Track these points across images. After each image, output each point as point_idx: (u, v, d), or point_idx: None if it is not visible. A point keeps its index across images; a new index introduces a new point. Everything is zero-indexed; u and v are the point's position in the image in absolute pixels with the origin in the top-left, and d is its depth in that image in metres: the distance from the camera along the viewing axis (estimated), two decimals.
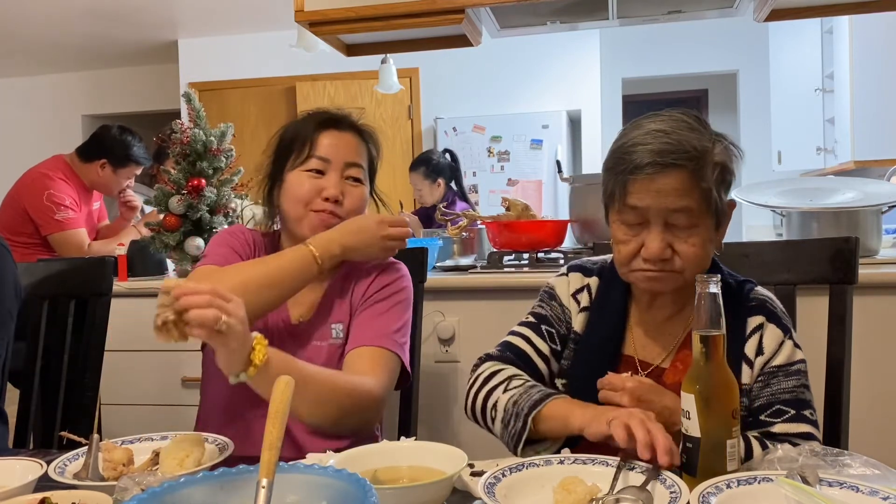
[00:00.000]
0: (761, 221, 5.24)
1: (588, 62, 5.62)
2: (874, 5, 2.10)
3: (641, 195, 1.10)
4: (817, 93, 5.04)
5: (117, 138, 3.15)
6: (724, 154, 1.13)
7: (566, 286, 1.30)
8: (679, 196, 1.08)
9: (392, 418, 1.63)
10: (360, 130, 1.48)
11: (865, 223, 2.20)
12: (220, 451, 1.09)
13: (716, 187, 1.10)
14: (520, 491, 0.92)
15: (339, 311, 1.43)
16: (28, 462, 1.05)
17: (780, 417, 1.11)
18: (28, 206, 3.00)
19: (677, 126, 1.11)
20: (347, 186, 1.43)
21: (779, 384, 1.13)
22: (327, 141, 1.43)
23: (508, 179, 5.47)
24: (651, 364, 1.21)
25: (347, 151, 1.43)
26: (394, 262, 1.49)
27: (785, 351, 1.15)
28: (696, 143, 1.09)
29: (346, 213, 1.42)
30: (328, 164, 1.42)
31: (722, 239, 1.19)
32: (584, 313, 1.27)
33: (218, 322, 1.03)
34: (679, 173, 1.08)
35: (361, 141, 1.47)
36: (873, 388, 1.94)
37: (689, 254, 1.11)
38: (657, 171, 1.08)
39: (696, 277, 0.95)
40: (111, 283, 1.75)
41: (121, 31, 5.56)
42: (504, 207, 2.47)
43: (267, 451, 0.74)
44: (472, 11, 2.13)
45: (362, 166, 1.45)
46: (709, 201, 1.10)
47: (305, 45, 3.44)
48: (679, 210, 1.09)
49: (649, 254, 1.11)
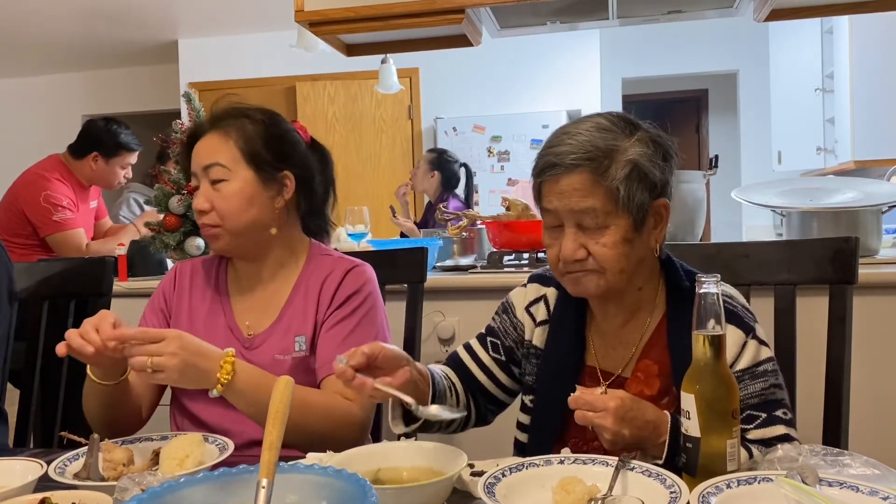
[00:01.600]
0: (761, 221, 5.24)
1: (588, 62, 5.62)
2: (874, 5, 2.09)
3: (550, 198, 1.12)
4: (817, 93, 5.04)
5: (104, 129, 3.17)
6: (638, 152, 1.10)
7: (522, 299, 1.30)
8: (581, 196, 1.08)
9: None
10: (220, 125, 1.37)
11: (865, 223, 2.20)
12: (220, 451, 1.09)
13: (626, 186, 1.08)
14: (519, 491, 0.92)
15: (300, 322, 1.37)
16: (28, 462, 1.05)
17: (752, 423, 1.09)
18: (25, 207, 3.00)
19: (588, 127, 1.11)
20: (211, 192, 1.34)
21: (745, 389, 1.09)
22: (194, 153, 1.38)
23: (508, 179, 5.47)
24: (613, 373, 1.20)
25: (202, 156, 1.36)
26: (355, 266, 1.41)
27: (748, 353, 1.11)
28: (600, 143, 1.09)
29: (223, 218, 1.34)
30: (197, 177, 1.37)
31: (659, 239, 1.16)
32: (542, 327, 1.26)
33: (145, 367, 1.10)
34: (580, 174, 1.08)
35: (219, 136, 1.36)
36: (873, 388, 1.94)
37: (602, 254, 1.10)
38: (560, 173, 1.09)
39: (695, 277, 0.95)
40: (111, 283, 1.75)
41: (121, 31, 5.56)
42: (504, 207, 2.47)
43: (267, 451, 0.75)
44: (472, 11, 2.13)
45: (218, 163, 1.34)
46: (616, 200, 1.08)
47: (305, 45, 3.44)
48: (584, 211, 1.09)
49: (562, 255, 1.12)
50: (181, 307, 1.44)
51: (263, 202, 1.36)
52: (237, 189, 1.34)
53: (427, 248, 1.74)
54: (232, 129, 1.36)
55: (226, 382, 1.16)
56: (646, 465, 0.95)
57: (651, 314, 1.19)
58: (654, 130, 1.15)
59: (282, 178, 1.37)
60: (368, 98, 5.69)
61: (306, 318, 1.37)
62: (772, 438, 1.07)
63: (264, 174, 1.35)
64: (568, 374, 1.20)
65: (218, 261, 1.48)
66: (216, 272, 1.47)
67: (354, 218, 2.54)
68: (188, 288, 1.46)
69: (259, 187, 1.35)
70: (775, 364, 1.14)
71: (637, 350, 1.19)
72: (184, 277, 1.48)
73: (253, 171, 1.35)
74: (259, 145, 1.36)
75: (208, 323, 1.41)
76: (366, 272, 1.42)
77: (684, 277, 1.17)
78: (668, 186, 1.14)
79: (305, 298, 1.39)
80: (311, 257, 1.44)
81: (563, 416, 1.14)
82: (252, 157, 1.35)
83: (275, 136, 1.38)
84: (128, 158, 3.21)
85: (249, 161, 1.35)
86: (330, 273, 1.39)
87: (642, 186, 1.10)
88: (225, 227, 1.35)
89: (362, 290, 1.38)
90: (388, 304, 1.67)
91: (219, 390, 1.16)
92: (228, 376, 1.16)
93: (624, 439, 0.98)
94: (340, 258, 1.44)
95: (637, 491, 0.90)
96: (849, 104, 4.26)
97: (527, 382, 1.26)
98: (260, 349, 1.36)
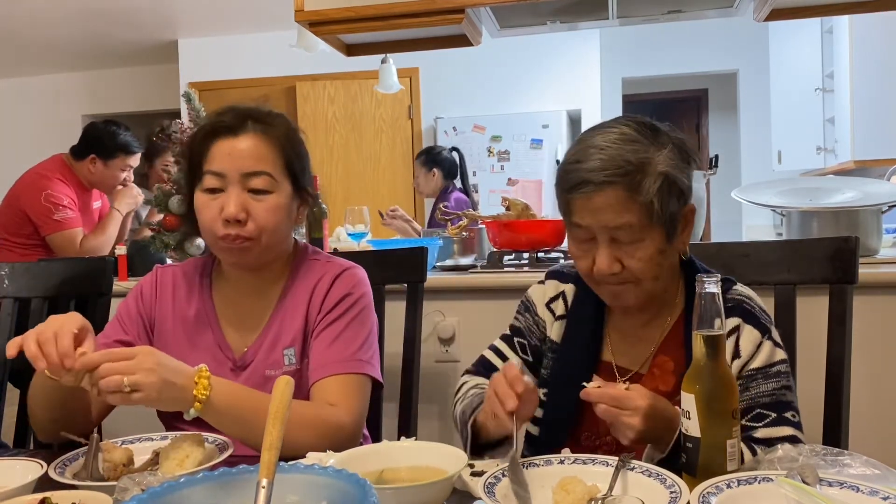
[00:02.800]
0: (761, 221, 5.24)
1: (588, 62, 5.62)
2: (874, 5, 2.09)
3: (582, 214, 1.10)
4: (817, 92, 5.04)
5: (102, 130, 3.16)
6: (668, 162, 1.08)
7: (542, 295, 1.30)
8: (617, 213, 1.07)
9: (392, 418, 1.63)
10: (262, 129, 1.26)
11: (865, 223, 2.20)
12: (220, 452, 1.09)
13: (659, 198, 1.07)
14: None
15: (288, 334, 1.31)
16: (28, 462, 1.05)
17: (762, 422, 1.10)
18: (26, 206, 3.00)
19: (616, 139, 1.08)
20: (251, 201, 1.24)
21: (758, 387, 1.11)
22: (221, 151, 1.24)
23: (508, 179, 5.47)
24: (629, 370, 1.20)
25: (245, 160, 1.24)
26: (345, 269, 1.36)
27: (763, 352, 1.13)
28: (631, 157, 1.06)
29: (257, 232, 1.24)
30: (225, 180, 1.24)
31: (686, 242, 1.17)
32: (560, 322, 1.26)
33: (120, 387, 1.01)
34: (614, 191, 1.06)
35: (266, 141, 1.26)
36: (873, 388, 1.94)
37: (638, 268, 1.10)
38: (593, 191, 1.07)
39: (695, 277, 0.95)
40: (111, 283, 1.75)
41: (121, 31, 5.56)
42: (504, 207, 2.47)
43: (267, 452, 0.75)
44: (472, 11, 2.13)
45: (268, 173, 1.25)
46: (650, 214, 1.07)
47: (305, 45, 3.43)
48: (619, 227, 1.08)
49: (598, 271, 1.11)
50: (164, 319, 1.35)
51: (292, 217, 1.31)
52: (282, 203, 1.26)
53: (427, 248, 1.74)
54: (276, 135, 1.27)
55: (203, 399, 1.08)
56: (646, 465, 0.95)
57: (671, 312, 1.20)
58: (675, 135, 1.14)
59: (306, 192, 1.33)
60: (368, 98, 5.69)
61: (294, 327, 1.31)
62: (778, 439, 1.08)
63: (297, 188, 1.30)
64: (583, 369, 1.20)
65: (201, 268, 1.39)
66: (200, 282, 1.37)
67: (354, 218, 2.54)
68: (171, 299, 1.36)
69: (292, 202, 1.30)
70: (788, 367, 1.15)
71: (655, 347, 1.19)
72: (165, 286, 1.38)
73: (291, 185, 1.29)
74: (293, 156, 1.29)
75: (195, 340, 1.33)
76: (356, 274, 1.36)
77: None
78: (691, 190, 1.15)
79: (293, 307, 1.32)
80: (297, 262, 1.37)
81: (577, 409, 1.15)
82: (291, 170, 1.28)
83: (302, 147, 1.32)
84: (127, 161, 3.19)
85: (289, 173, 1.28)
86: (319, 279, 1.33)
87: (674, 196, 1.09)
88: (261, 241, 1.25)
89: (353, 293, 1.33)
90: (388, 304, 1.67)
91: (197, 408, 1.08)
92: (206, 392, 1.08)
93: (644, 437, 0.99)
94: (329, 261, 1.38)
95: (637, 491, 0.90)
96: (849, 104, 4.26)
97: (542, 376, 1.26)
98: (249, 367, 1.30)
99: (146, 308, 1.36)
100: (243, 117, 1.27)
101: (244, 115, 1.27)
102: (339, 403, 1.23)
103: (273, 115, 1.31)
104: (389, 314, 1.67)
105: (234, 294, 1.35)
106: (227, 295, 1.36)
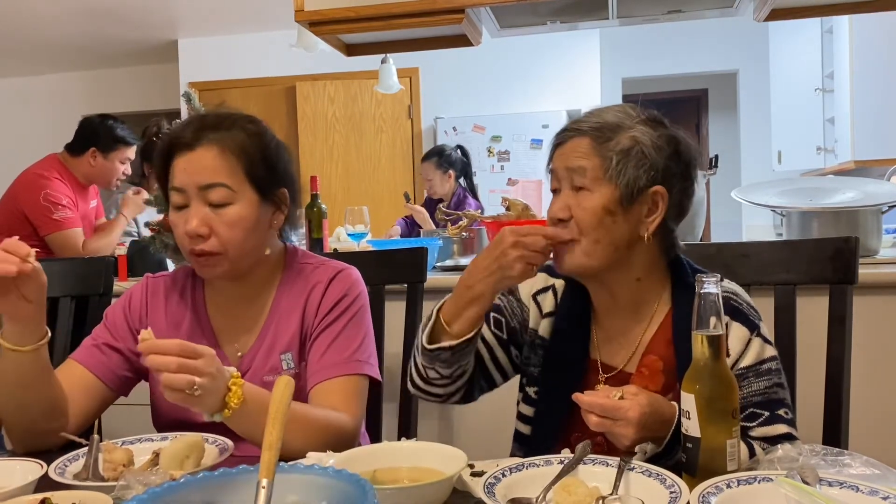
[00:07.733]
0: (761, 221, 5.24)
1: (588, 62, 5.62)
2: (874, 5, 2.10)
3: (556, 160, 1.19)
4: (817, 92, 5.04)
5: (99, 124, 3.17)
6: (645, 136, 1.13)
7: (528, 284, 1.29)
8: (578, 157, 1.14)
9: (392, 418, 1.63)
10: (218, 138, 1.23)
11: (865, 223, 2.20)
12: (220, 452, 1.09)
13: (620, 159, 1.11)
14: (520, 491, 0.92)
15: (285, 338, 1.30)
16: (28, 462, 1.05)
17: (755, 421, 1.09)
18: (25, 207, 2.99)
19: (610, 108, 1.19)
20: (212, 215, 1.21)
21: (749, 386, 1.10)
22: (179, 167, 1.23)
23: (508, 179, 5.47)
24: (615, 367, 1.20)
25: (199, 173, 1.21)
26: (339, 270, 1.34)
27: (753, 350, 1.12)
28: (610, 119, 1.15)
29: (222, 247, 1.22)
30: (186, 195, 1.22)
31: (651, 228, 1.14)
32: (548, 319, 1.27)
33: (191, 387, 0.99)
34: (583, 138, 1.15)
35: (222, 152, 1.22)
36: (873, 388, 1.94)
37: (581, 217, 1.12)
38: (568, 138, 1.17)
39: (695, 278, 0.95)
40: (111, 283, 1.75)
41: (121, 31, 5.56)
42: (504, 207, 2.46)
43: (267, 452, 0.75)
44: (472, 11, 2.13)
45: (224, 184, 1.21)
46: (606, 168, 1.12)
47: (305, 45, 3.44)
48: (575, 169, 1.14)
49: (551, 211, 1.17)
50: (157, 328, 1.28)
51: (263, 225, 1.27)
52: (244, 213, 1.23)
53: (427, 248, 1.74)
54: (235, 142, 1.24)
55: (234, 407, 1.05)
56: (646, 465, 0.95)
57: (656, 310, 1.20)
58: (675, 131, 1.17)
59: (280, 196, 1.30)
60: (368, 98, 5.69)
61: (290, 331, 1.30)
62: (774, 437, 1.08)
63: (264, 194, 1.26)
64: (572, 367, 1.20)
65: (192, 278, 1.37)
66: (192, 290, 1.36)
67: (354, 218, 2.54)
68: (163, 308, 1.35)
69: (260, 209, 1.25)
70: (779, 363, 1.14)
71: (641, 346, 1.19)
72: (157, 295, 1.36)
73: (256, 193, 1.24)
74: (258, 162, 1.25)
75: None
76: (351, 275, 1.35)
77: (690, 275, 1.17)
78: (672, 179, 1.14)
79: (288, 311, 1.31)
80: (288, 266, 1.35)
81: (567, 408, 1.14)
82: (254, 177, 1.24)
83: (270, 150, 1.28)
84: (126, 153, 3.20)
85: (252, 181, 1.24)
86: (315, 284, 1.32)
87: (640, 168, 1.12)
88: (227, 254, 1.23)
89: (349, 294, 1.32)
90: (388, 304, 1.67)
91: (225, 415, 1.05)
92: (238, 400, 1.05)
93: (638, 442, 0.99)
94: (323, 264, 1.36)
95: (637, 491, 0.90)
96: (849, 104, 4.27)
97: (531, 374, 1.26)
98: (246, 373, 1.28)
99: (134, 318, 1.35)
100: (200, 128, 1.24)
101: (201, 126, 1.25)
102: (342, 407, 1.23)
103: (232, 119, 1.27)
104: (389, 314, 1.66)
105: (226, 302, 1.34)
106: (219, 303, 1.35)
